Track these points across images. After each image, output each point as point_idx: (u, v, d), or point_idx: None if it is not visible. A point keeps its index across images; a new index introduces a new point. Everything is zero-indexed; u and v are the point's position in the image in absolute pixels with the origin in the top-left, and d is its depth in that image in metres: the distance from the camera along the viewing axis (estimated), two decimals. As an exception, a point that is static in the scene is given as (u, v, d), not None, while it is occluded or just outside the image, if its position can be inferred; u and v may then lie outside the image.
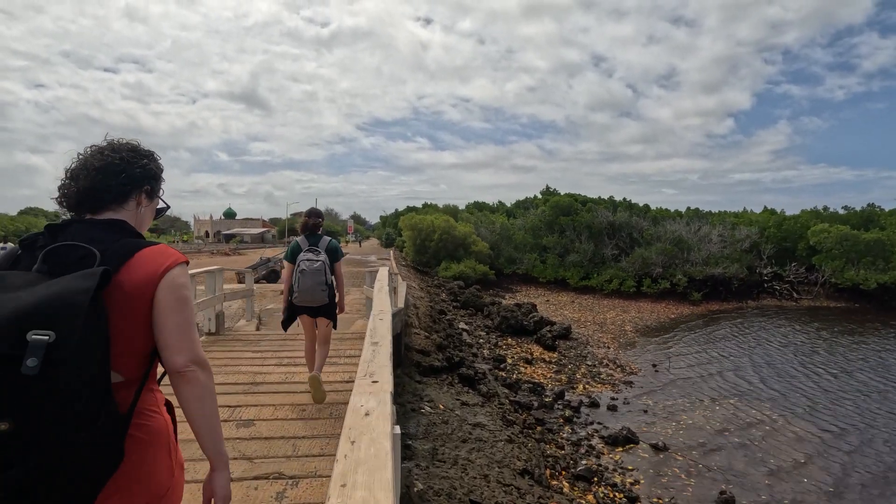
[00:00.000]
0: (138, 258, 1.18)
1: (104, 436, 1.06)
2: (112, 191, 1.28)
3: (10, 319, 0.94)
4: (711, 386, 12.13)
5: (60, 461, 0.98)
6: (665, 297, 26.73)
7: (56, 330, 0.94)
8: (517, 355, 13.76)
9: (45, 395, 0.94)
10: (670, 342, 17.33)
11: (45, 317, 0.95)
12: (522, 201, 44.19)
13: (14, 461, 0.94)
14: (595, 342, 16.82)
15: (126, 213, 1.31)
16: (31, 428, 0.94)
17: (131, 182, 1.31)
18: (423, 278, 26.01)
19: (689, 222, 34.40)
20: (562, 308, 24.29)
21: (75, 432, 0.99)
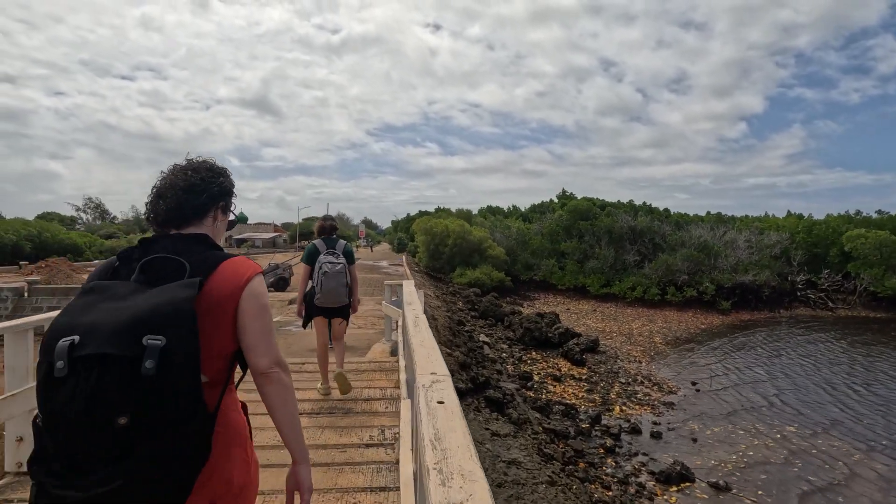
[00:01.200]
0: (222, 269, 1.27)
1: (197, 432, 1.13)
2: (194, 208, 1.36)
3: (128, 325, 1.04)
4: (763, 409, 10.92)
5: (166, 454, 1.06)
6: (691, 306, 25.41)
7: (166, 335, 1.05)
8: (543, 371, 12.68)
9: (157, 394, 1.03)
10: (705, 355, 16.10)
11: (157, 323, 1.06)
12: (538, 205, 43.04)
13: (130, 452, 1.02)
14: (625, 356, 15.66)
15: (206, 228, 1.39)
16: (144, 423, 1.02)
17: (211, 199, 1.40)
18: (437, 285, 25.03)
19: (714, 227, 33.03)
20: (583, 317, 23.11)
21: (178, 428, 1.08)
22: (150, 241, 1.29)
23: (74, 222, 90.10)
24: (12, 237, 38.50)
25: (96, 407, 0.99)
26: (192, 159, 1.44)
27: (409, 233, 53.91)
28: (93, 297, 1.13)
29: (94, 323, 1.05)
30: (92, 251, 44.02)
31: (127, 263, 1.25)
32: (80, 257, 41.86)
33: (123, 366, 1.01)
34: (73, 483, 1.02)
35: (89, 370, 1.00)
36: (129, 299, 1.11)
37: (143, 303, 1.09)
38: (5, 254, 34.95)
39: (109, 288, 1.15)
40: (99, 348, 1.01)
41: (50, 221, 69.95)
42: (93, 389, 0.99)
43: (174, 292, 1.13)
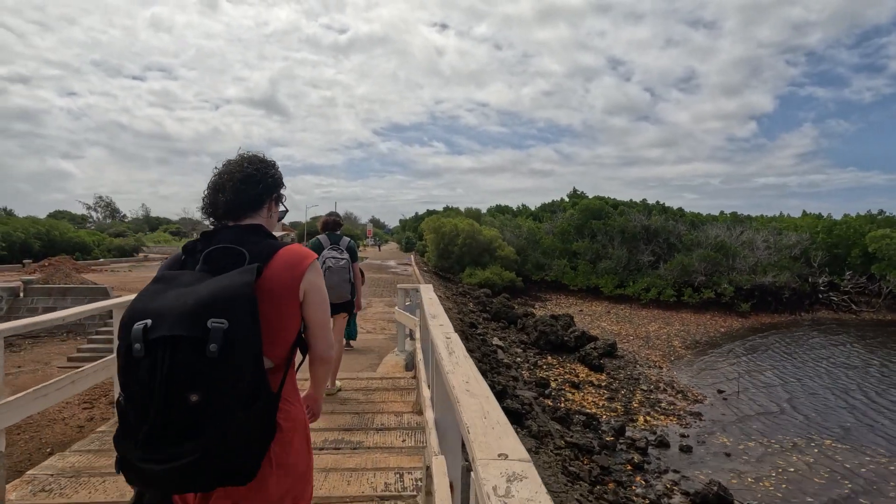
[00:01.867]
0: (279, 257, 1.33)
1: (262, 414, 1.19)
2: (251, 199, 1.41)
3: (193, 309, 1.11)
4: (798, 421, 10.24)
5: (235, 432, 1.12)
6: (708, 308, 24.63)
7: (228, 318, 1.11)
8: (561, 377, 12.07)
9: (223, 373, 1.10)
10: (728, 360, 15.38)
11: (220, 307, 1.12)
12: (549, 204, 42.32)
13: (203, 429, 1.09)
14: (644, 360, 14.99)
15: (261, 218, 1.45)
16: (213, 401, 1.09)
17: (266, 191, 1.45)
18: (447, 285, 24.46)
19: (730, 227, 32.16)
20: (597, 319, 22.43)
21: (245, 407, 1.14)
22: (210, 233, 1.36)
23: (85, 221, 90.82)
24: (21, 235, 38.47)
25: (171, 384, 1.06)
26: (244, 154, 1.48)
27: (418, 232, 53.37)
28: (161, 286, 1.22)
29: (164, 308, 1.13)
30: (100, 249, 43.95)
31: (192, 255, 1.33)
32: (88, 255, 41.86)
33: (191, 346, 1.08)
34: (154, 456, 1.08)
35: (163, 351, 1.07)
36: (193, 287, 1.18)
37: (205, 289, 1.16)
38: (14, 251, 34.91)
39: (176, 277, 1.24)
40: (169, 331, 1.08)
41: (61, 220, 70.35)
42: (168, 368, 1.06)
43: (233, 278, 1.19)
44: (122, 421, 1.14)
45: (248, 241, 1.32)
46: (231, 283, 1.18)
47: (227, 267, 1.25)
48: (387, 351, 6.76)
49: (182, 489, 1.16)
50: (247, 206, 1.40)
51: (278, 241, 1.39)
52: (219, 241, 1.32)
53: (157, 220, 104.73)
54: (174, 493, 1.21)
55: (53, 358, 8.98)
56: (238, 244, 1.30)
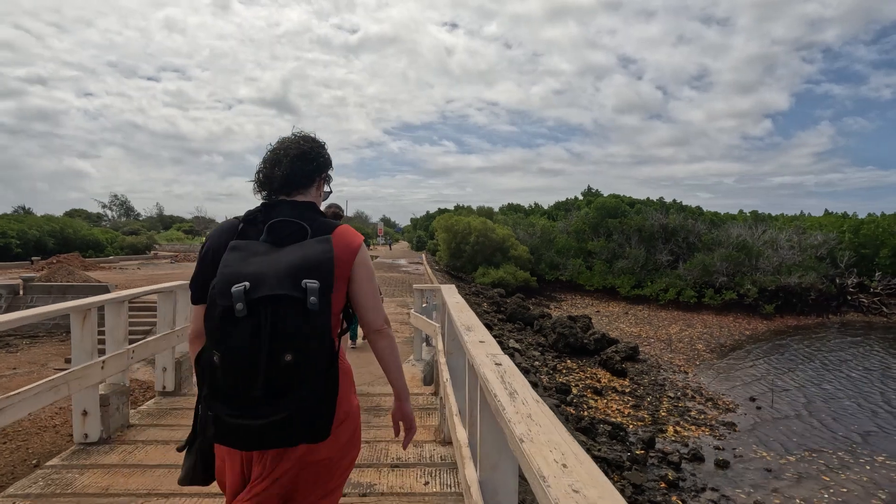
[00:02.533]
0: (336, 233, 1.38)
1: (334, 372, 1.28)
2: (306, 174, 1.46)
3: (288, 272, 1.19)
4: (839, 434, 9.49)
5: (319, 389, 1.21)
6: (730, 310, 23.74)
7: (319, 279, 1.20)
8: (582, 383, 11.43)
9: (318, 329, 1.18)
10: (756, 365, 14.61)
11: (310, 269, 1.22)
12: (562, 203, 41.53)
13: (295, 386, 1.16)
14: (667, 365, 14.29)
15: (311, 196, 1.49)
16: (305, 359, 1.16)
17: (318, 169, 1.50)
18: (459, 285, 23.89)
19: (752, 226, 31.13)
20: (615, 321, 21.70)
21: (328, 365, 1.24)
22: (270, 206, 1.41)
23: (101, 219, 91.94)
24: (36, 233, 38.69)
25: (274, 342, 1.13)
26: (297, 132, 1.52)
27: (429, 231, 52.84)
28: (240, 253, 1.26)
29: (259, 272, 1.19)
30: (113, 247, 44.19)
31: (252, 224, 1.37)
32: (101, 253, 42.07)
33: (293, 304, 1.16)
34: (249, 413, 1.15)
35: (265, 309, 1.14)
36: (273, 255, 1.25)
37: (292, 255, 1.25)
38: (29, 249, 35.16)
39: (249, 246, 1.29)
40: (271, 290, 1.16)
41: (77, 218, 71.10)
42: (272, 326, 1.13)
43: (315, 247, 1.28)
44: (212, 382, 1.19)
45: (307, 216, 1.38)
46: (315, 250, 1.26)
47: (288, 238, 1.31)
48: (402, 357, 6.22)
49: (272, 444, 1.21)
50: (300, 182, 1.44)
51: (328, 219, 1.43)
52: (280, 214, 1.36)
53: (171, 219, 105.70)
54: (263, 449, 1.25)
55: (51, 359, 8.58)
56: (298, 219, 1.35)
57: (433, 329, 4.38)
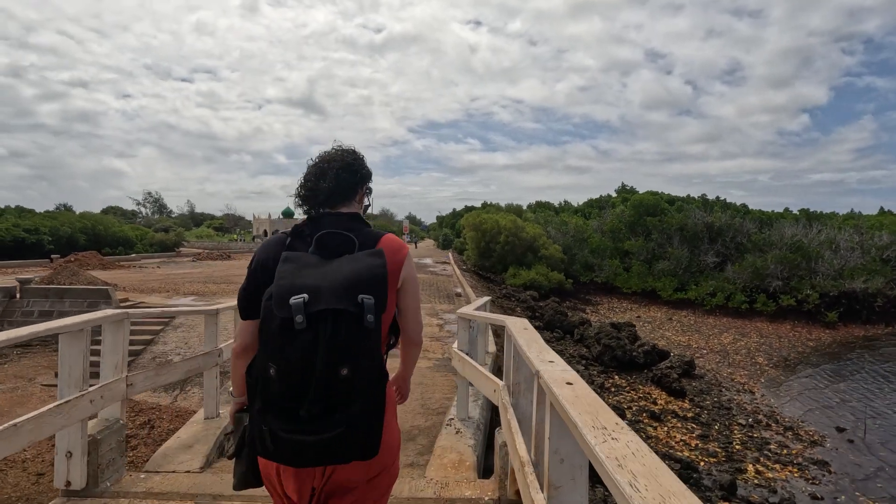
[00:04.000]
0: (383, 243, 1.38)
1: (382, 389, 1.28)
2: (350, 185, 1.47)
3: (346, 286, 1.17)
4: (964, 478, 7.77)
5: (371, 406, 1.20)
6: (785, 317, 21.70)
7: (374, 294, 1.18)
8: (636, 405, 9.97)
9: (373, 345, 1.19)
10: (831, 383, 12.81)
11: (366, 284, 1.19)
12: (596, 200, 39.65)
13: (350, 402, 1.15)
14: (728, 382, 12.65)
15: (355, 207, 1.50)
16: (360, 374, 1.15)
17: (362, 180, 1.52)
18: (489, 286, 22.54)
19: (806, 225, 28.70)
20: (659, 328, 19.99)
21: (379, 381, 1.25)
22: (316, 218, 1.42)
23: (136, 216, 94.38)
24: (68, 230, 39.18)
25: (332, 355, 1.12)
26: (338, 146, 1.53)
27: (456, 229, 51.58)
28: (293, 265, 1.24)
29: (316, 285, 1.17)
30: (143, 244, 44.61)
31: (300, 237, 1.37)
32: (131, 250, 42.47)
33: (351, 319, 1.14)
34: (304, 428, 1.13)
35: (325, 323, 1.12)
36: (326, 267, 1.23)
37: (347, 269, 1.22)
38: (61, 246, 35.60)
39: (300, 258, 1.26)
40: (330, 304, 1.14)
41: (113, 215, 72.85)
42: (330, 339, 1.12)
43: (368, 261, 1.26)
44: (266, 396, 1.17)
45: (353, 227, 1.37)
46: (369, 264, 1.24)
47: (338, 251, 1.30)
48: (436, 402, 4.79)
49: (326, 461, 1.20)
50: (346, 193, 1.45)
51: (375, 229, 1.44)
52: (327, 226, 1.36)
53: (202, 216, 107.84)
54: (317, 465, 1.23)
55: (41, 372, 7.70)
56: (346, 230, 1.35)
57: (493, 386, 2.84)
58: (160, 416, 6.39)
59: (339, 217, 1.40)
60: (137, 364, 7.78)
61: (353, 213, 1.44)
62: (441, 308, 11.45)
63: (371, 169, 1.55)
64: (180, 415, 6.53)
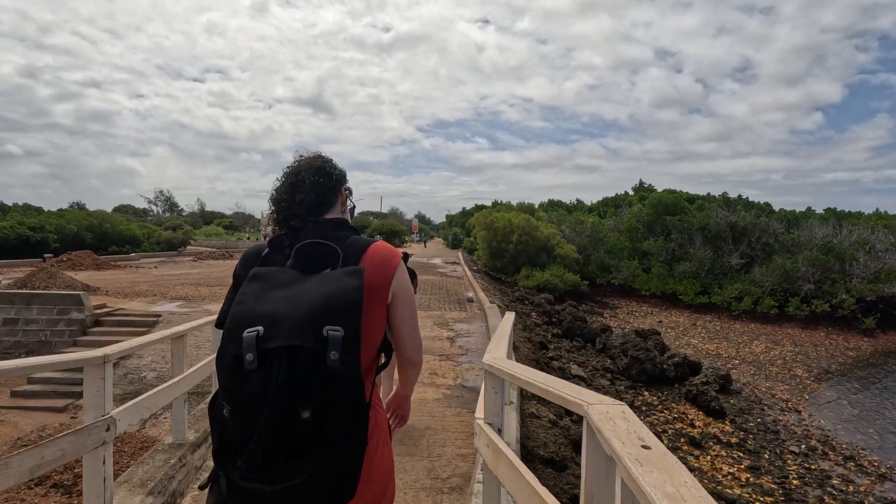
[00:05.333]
0: (371, 255, 1.23)
1: (361, 426, 1.11)
2: (329, 190, 1.34)
3: (308, 317, 1.01)
4: None
5: (341, 449, 1.03)
6: (818, 323, 20.33)
7: (343, 325, 1.01)
8: (672, 428, 8.83)
9: (339, 384, 1.01)
10: (885, 400, 11.54)
11: (334, 313, 1.02)
12: (611, 199, 38.33)
13: (310, 447, 0.99)
14: (768, 397, 11.45)
15: (336, 212, 1.36)
16: (325, 416, 1.00)
17: (339, 181, 1.39)
18: (501, 289, 21.44)
19: (836, 225, 27.19)
20: (684, 334, 18.75)
21: (352, 420, 1.06)
22: (297, 228, 1.27)
23: (146, 214, 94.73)
24: (73, 228, 38.76)
25: (287, 399, 0.97)
26: (303, 154, 1.42)
27: (465, 228, 50.47)
28: (260, 285, 1.11)
29: (275, 314, 1.02)
30: (150, 242, 44.16)
31: (278, 249, 1.24)
32: (137, 248, 42.01)
33: (310, 357, 0.99)
34: (260, 476, 0.99)
35: (279, 362, 0.98)
36: (296, 287, 1.09)
37: (315, 293, 1.06)
38: (67, 244, 35.17)
39: (272, 275, 1.14)
40: (287, 340, 0.99)
41: (125, 214, 72.80)
42: (284, 381, 0.97)
43: (343, 282, 1.09)
44: (220, 438, 1.06)
45: (337, 235, 1.25)
46: (342, 286, 1.09)
47: (319, 263, 1.18)
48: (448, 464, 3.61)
49: None
50: (326, 199, 1.34)
51: (362, 236, 1.32)
52: (308, 236, 1.24)
53: (212, 214, 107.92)
54: None
55: None
56: (329, 239, 1.23)
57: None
58: (121, 448, 5.42)
59: (322, 225, 1.28)
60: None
61: (339, 220, 1.33)
62: (451, 316, 10.37)
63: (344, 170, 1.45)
64: (145, 446, 5.56)
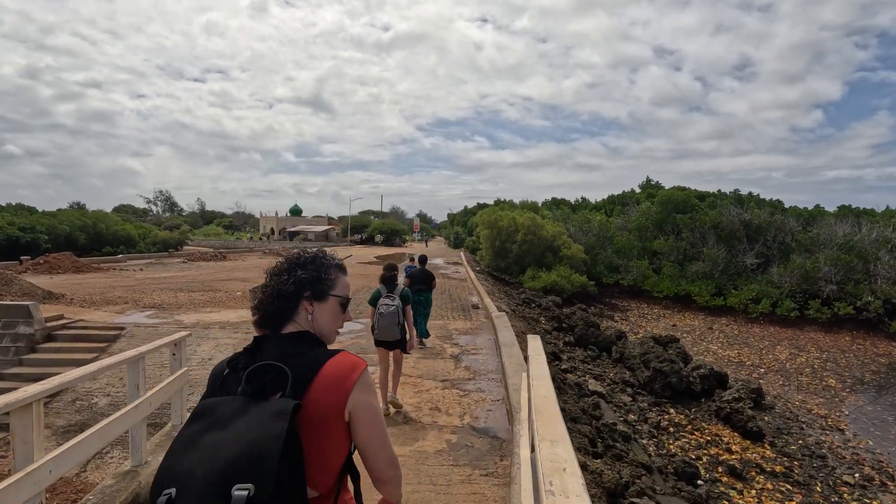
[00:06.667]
0: (322, 376, 1.19)
1: None
2: (287, 304, 1.30)
3: (218, 476, 0.98)
4: None
5: None
6: (841, 326, 19.25)
7: (255, 482, 0.97)
8: (706, 454, 7.77)
9: None
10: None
11: (245, 469, 0.98)
12: (618, 196, 37.21)
13: None
14: (804, 414, 10.38)
15: (303, 323, 1.31)
16: None
17: (293, 298, 1.31)
18: (506, 290, 20.39)
19: (855, 224, 26.03)
20: (701, 339, 17.67)
21: None
22: (256, 346, 1.26)
23: (146, 214, 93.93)
24: (66, 228, 37.78)
25: None
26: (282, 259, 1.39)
27: (468, 227, 49.40)
28: (197, 427, 1.09)
29: (191, 473, 1.01)
30: (146, 242, 43.19)
31: (235, 371, 1.22)
32: (133, 249, 41.05)
33: None
34: None
35: None
36: (229, 430, 1.06)
37: (235, 444, 1.03)
38: (60, 244, 34.26)
39: (214, 410, 1.11)
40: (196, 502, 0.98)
41: (125, 214, 71.89)
42: None
43: (264, 430, 1.04)
44: None
45: (293, 354, 1.21)
46: (259, 435, 1.03)
47: (270, 386, 1.15)
48: None
49: None
50: (282, 310, 1.29)
51: (325, 348, 1.28)
52: (262, 357, 1.21)
53: (212, 214, 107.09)
54: None
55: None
56: (280, 358, 1.19)
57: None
58: (50, 500, 4.40)
59: (280, 341, 1.25)
60: (51, 409, 5.79)
61: (297, 334, 1.27)
62: (455, 327, 9.29)
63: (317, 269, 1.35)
64: (84, 491, 4.53)
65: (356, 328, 9.15)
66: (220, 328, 7.94)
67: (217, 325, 8.29)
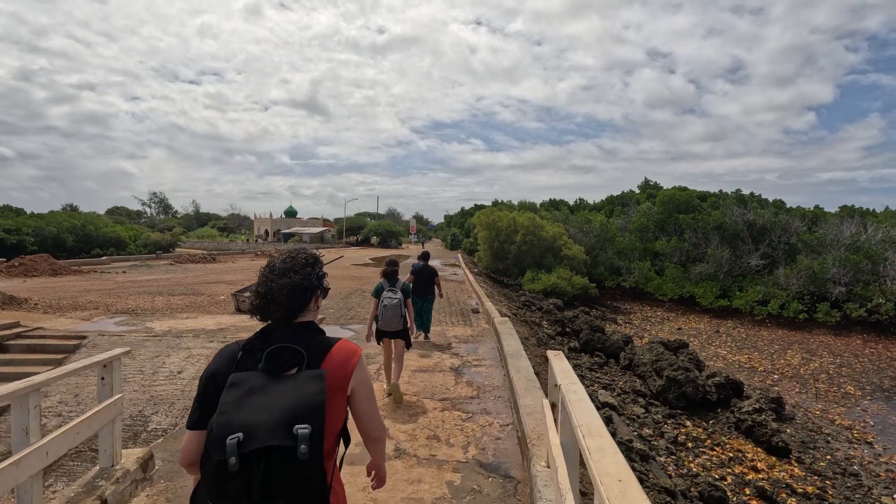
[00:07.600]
0: (333, 355, 1.43)
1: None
2: (301, 304, 1.49)
3: (280, 421, 1.20)
4: None
5: None
6: (851, 329, 18.64)
7: (311, 423, 1.21)
8: (730, 473, 7.07)
9: (310, 474, 1.20)
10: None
11: (302, 415, 1.22)
12: (618, 197, 36.58)
13: None
14: (827, 424, 9.70)
15: (310, 315, 1.53)
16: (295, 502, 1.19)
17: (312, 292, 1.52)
18: (505, 293, 19.68)
19: (860, 224, 25.48)
20: (708, 343, 17.01)
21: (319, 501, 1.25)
22: (268, 332, 1.44)
23: (141, 216, 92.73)
24: (53, 229, 36.80)
25: (267, 493, 1.15)
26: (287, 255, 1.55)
27: (465, 228, 48.70)
28: (237, 392, 1.26)
29: (252, 421, 1.19)
30: (136, 244, 42.25)
31: (251, 353, 1.38)
32: (122, 250, 40.11)
33: (284, 453, 1.17)
34: None
35: (257, 462, 1.16)
36: (269, 393, 1.26)
37: (284, 399, 1.24)
38: (47, 246, 33.37)
39: (247, 381, 1.29)
40: (263, 442, 1.16)
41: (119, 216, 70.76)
42: (263, 478, 1.16)
43: (307, 386, 1.28)
44: None
45: (304, 339, 1.42)
46: (307, 391, 1.27)
47: (287, 364, 1.34)
48: None
49: None
50: (299, 309, 1.47)
51: (325, 334, 1.49)
52: (277, 340, 1.39)
53: (207, 216, 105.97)
54: None
55: None
56: (295, 342, 1.39)
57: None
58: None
59: (291, 330, 1.44)
60: (-8, 431, 5.02)
61: (306, 323, 1.48)
62: (455, 334, 8.53)
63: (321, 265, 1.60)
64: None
65: (346, 335, 8.42)
66: (193, 336, 7.18)
67: (191, 332, 7.52)
